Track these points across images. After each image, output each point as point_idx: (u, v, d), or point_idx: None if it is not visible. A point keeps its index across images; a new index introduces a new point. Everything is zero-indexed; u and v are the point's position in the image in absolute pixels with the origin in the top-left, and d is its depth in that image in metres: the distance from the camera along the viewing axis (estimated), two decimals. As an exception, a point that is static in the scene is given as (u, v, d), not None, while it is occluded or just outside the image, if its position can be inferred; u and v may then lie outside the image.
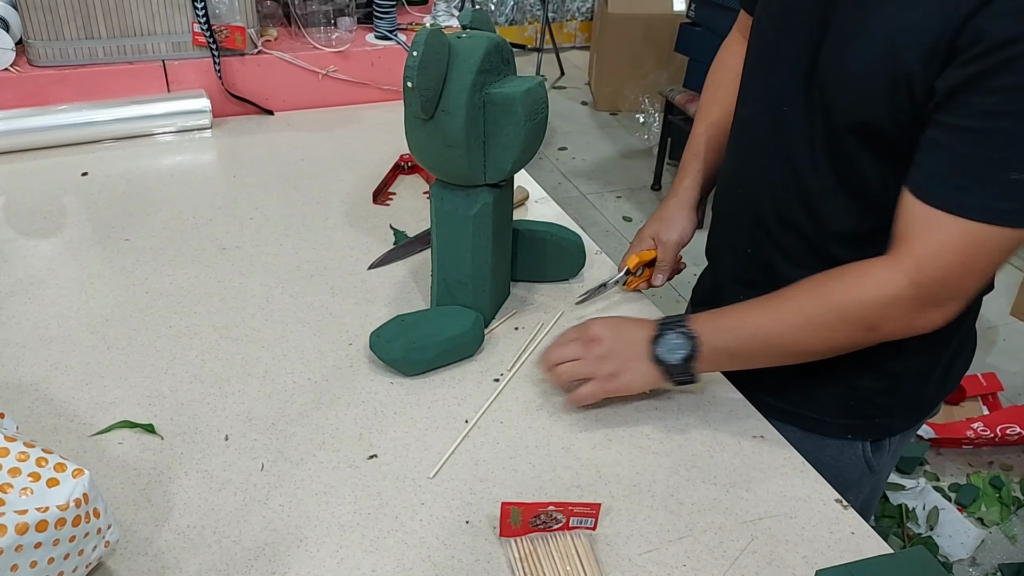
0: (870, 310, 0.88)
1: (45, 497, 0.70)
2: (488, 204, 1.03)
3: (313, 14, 1.75)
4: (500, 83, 0.97)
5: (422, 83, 0.91)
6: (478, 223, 1.03)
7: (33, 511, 0.67)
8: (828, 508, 0.89)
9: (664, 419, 0.99)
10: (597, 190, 3.72)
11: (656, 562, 0.82)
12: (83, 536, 0.71)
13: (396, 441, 0.94)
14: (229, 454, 0.91)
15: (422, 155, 1.01)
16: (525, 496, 0.88)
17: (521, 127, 0.97)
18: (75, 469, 0.72)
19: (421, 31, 0.91)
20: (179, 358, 1.05)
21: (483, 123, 0.97)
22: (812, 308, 0.91)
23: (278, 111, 1.74)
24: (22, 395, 0.98)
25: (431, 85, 0.92)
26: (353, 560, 0.80)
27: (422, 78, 0.91)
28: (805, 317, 0.91)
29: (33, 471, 0.71)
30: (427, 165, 1.02)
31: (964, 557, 2.03)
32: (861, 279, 0.89)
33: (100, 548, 0.74)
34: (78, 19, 1.55)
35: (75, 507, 0.70)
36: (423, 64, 0.90)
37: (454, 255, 1.06)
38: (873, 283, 0.88)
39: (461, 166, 0.98)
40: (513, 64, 1.02)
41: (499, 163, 0.99)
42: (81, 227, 1.32)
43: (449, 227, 1.05)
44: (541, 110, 0.99)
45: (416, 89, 0.91)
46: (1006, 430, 2.26)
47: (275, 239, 1.30)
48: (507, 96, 0.95)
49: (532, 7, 5.13)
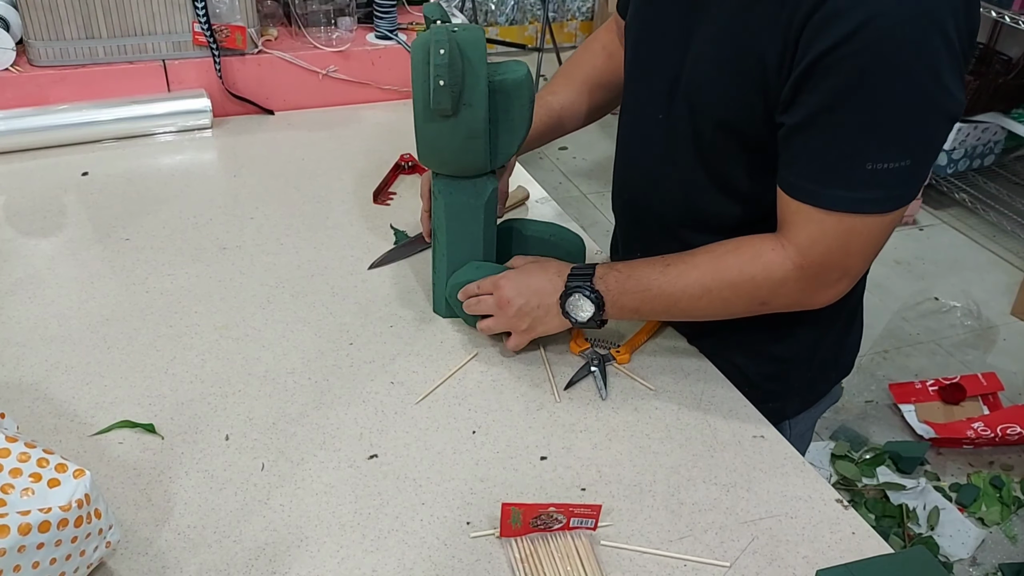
0: (762, 288, 0.94)
1: (47, 498, 0.70)
2: (495, 189, 1.07)
3: (313, 14, 1.75)
4: (495, 70, 0.99)
5: (451, 80, 0.92)
6: (488, 209, 1.07)
7: (36, 512, 0.67)
8: (828, 508, 0.89)
9: (664, 419, 0.99)
10: (598, 190, 3.72)
11: (656, 562, 0.82)
12: (85, 536, 0.71)
13: (396, 441, 0.94)
14: (229, 454, 0.91)
15: (440, 153, 1.02)
16: (525, 496, 0.88)
17: (527, 109, 1.00)
18: (76, 470, 0.72)
19: (434, 29, 0.92)
20: (179, 358, 1.05)
21: (489, 109, 0.99)
22: (709, 281, 0.96)
23: (278, 111, 1.74)
24: (22, 395, 0.98)
25: (458, 81, 0.94)
26: (353, 560, 0.80)
27: (452, 75, 0.92)
28: (703, 288, 0.96)
29: (34, 472, 0.71)
30: (441, 162, 1.03)
31: (964, 557, 2.03)
32: (754, 260, 0.94)
33: (102, 548, 0.74)
34: (78, 19, 1.55)
35: (77, 507, 0.70)
36: (452, 61, 0.92)
37: (466, 246, 1.08)
38: (763, 264, 0.93)
39: (480, 156, 1.01)
40: None
41: (506, 147, 1.02)
42: (81, 227, 1.32)
43: (461, 219, 1.06)
44: (534, 93, 1.03)
45: (447, 86, 0.92)
46: (1006, 430, 2.25)
47: (275, 239, 1.30)
48: (516, 81, 0.98)
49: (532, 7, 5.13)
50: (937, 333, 2.82)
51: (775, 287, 0.94)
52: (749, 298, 0.96)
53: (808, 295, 0.95)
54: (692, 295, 0.97)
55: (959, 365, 2.66)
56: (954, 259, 3.19)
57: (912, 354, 2.70)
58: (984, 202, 3.37)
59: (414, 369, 1.05)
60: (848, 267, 0.92)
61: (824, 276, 0.92)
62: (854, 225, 0.88)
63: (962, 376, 2.48)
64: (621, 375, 1.06)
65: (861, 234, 0.88)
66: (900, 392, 2.48)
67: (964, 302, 2.95)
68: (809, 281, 0.93)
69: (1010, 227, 3.31)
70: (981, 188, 3.46)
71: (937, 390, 2.46)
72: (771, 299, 0.95)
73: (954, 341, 2.78)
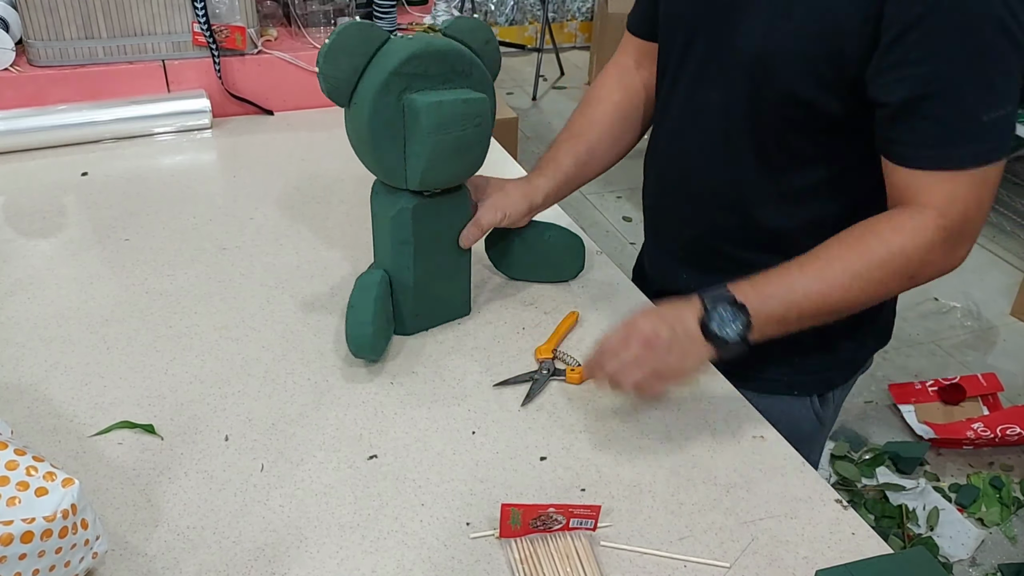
0: (912, 259, 0.93)
1: (32, 507, 0.68)
2: (406, 210, 1.02)
3: (313, 14, 1.75)
4: (434, 92, 0.95)
5: (326, 70, 0.94)
6: (396, 226, 1.03)
7: (19, 522, 0.65)
8: (828, 508, 0.89)
9: (664, 419, 0.99)
10: (597, 190, 3.72)
11: (656, 563, 0.82)
12: (69, 547, 0.70)
13: (396, 441, 0.94)
14: (229, 454, 0.91)
15: (352, 145, 1.02)
16: (525, 497, 0.88)
17: (426, 138, 0.95)
18: (65, 478, 0.70)
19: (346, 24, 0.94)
20: (179, 358, 1.05)
21: (403, 127, 0.96)
22: (857, 266, 0.93)
23: (278, 111, 1.74)
24: (21, 395, 0.98)
25: (337, 75, 0.95)
26: (353, 561, 0.80)
27: (326, 66, 0.94)
28: (852, 276, 0.93)
29: (22, 480, 0.69)
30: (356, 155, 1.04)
31: (964, 557, 2.03)
32: (896, 232, 0.93)
33: (88, 559, 0.73)
34: (78, 19, 1.55)
35: (62, 518, 0.68)
36: (329, 53, 0.93)
37: (380, 252, 1.08)
38: (909, 233, 0.93)
39: (370, 162, 1.00)
40: (478, 77, 0.99)
41: (412, 171, 0.98)
42: (81, 227, 1.32)
43: (377, 224, 1.07)
44: (459, 127, 0.96)
45: (320, 74, 0.94)
46: (1006, 430, 2.26)
47: (275, 239, 1.30)
48: (414, 104, 0.94)
49: (532, 7, 5.13)
50: (937, 334, 2.82)
51: (924, 255, 0.93)
52: (900, 273, 0.94)
53: (950, 257, 0.95)
54: (843, 285, 0.93)
55: (959, 366, 2.67)
56: (954, 259, 3.19)
57: (912, 355, 2.70)
58: (984, 202, 3.37)
59: (414, 369, 1.05)
60: (980, 220, 0.94)
61: (964, 233, 0.93)
62: (983, 176, 0.91)
63: (962, 377, 2.48)
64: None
65: (988, 184, 0.92)
66: (900, 393, 2.48)
67: (964, 303, 2.95)
68: (952, 242, 0.93)
69: (1010, 227, 3.31)
70: (981, 188, 3.46)
71: (937, 391, 2.46)
72: (920, 270, 0.95)
73: (954, 342, 2.78)
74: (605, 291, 1.21)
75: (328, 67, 0.94)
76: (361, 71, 0.95)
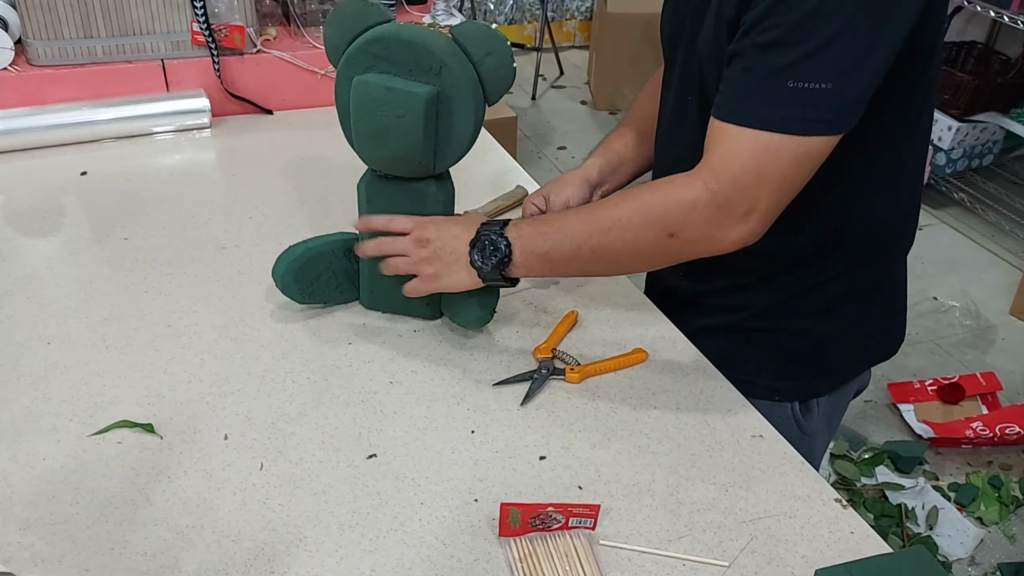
0: (671, 212, 0.92)
1: None
2: (363, 181, 1.08)
3: (312, 13, 1.75)
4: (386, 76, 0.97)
5: (325, 33, 1.02)
6: (359, 194, 1.08)
7: None
8: (828, 508, 0.89)
9: (663, 419, 0.99)
10: (596, 189, 3.72)
11: (655, 562, 0.82)
12: None
13: (396, 441, 0.94)
14: (228, 453, 0.91)
15: None
16: (524, 496, 0.88)
17: (351, 114, 1.00)
18: None
19: None
20: (178, 357, 1.05)
21: None
22: (621, 211, 0.95)
23: (277, 110, 1.73)
24: (21, 394, 0.98)
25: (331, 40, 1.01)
26: (352, 560, 0.80)
27: (326, 29, 1.01)
28: (613, 220, 0.95)
29: None
30: None
31: (963, 556, 2.03)
32: (666, 185, 0.94)
33: None
34: (77, 18, 1.55)
35: None
36: (329, 19, 1.01)
37: None
38: (674, 187, 0.93)
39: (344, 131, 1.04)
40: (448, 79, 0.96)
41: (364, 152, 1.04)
42: (80, 226, 1.32)
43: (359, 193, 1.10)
44: (379, 112, 0.97)
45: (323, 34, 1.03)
46: (1005, 430, 2.26)
47: (275, 239, 1.30)
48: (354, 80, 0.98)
49: (531, 6, 5.13)
50: (936, 333, 2.82)
51: (685, 211, 0.91)
52: (658, 224, 0.93)
53: (717, 226, 0.91)
54: (602, 228, 0.95)
55: (958, 365, 2.67)
56: (953, 259, 3.19)
57: (911, 354, 2.70)
58: (983, 202, 3.37)
59: (413, 368, 1.05)
60: (758, 197, 0.89)
61: (734, 203, 0.89)
62: (769, 144, 0.86)
63: (961, 376, 2.48)
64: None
65: (772, 154, 0.87)
66: (899, 392, 2.48)
67: (963, 302, 2.95)
68: (720, 208, 0.90)
69: (1009, 227, 3.31)
70: (980, 188, 3.46)
71: (936, 390, 2.46)
72: (681, 229, 0.92)
73: (953, 341, 2.78)
74: (604, 291, 1.21)
75: (326, 30, 1.01)
76: (348, 43, 1.00)
